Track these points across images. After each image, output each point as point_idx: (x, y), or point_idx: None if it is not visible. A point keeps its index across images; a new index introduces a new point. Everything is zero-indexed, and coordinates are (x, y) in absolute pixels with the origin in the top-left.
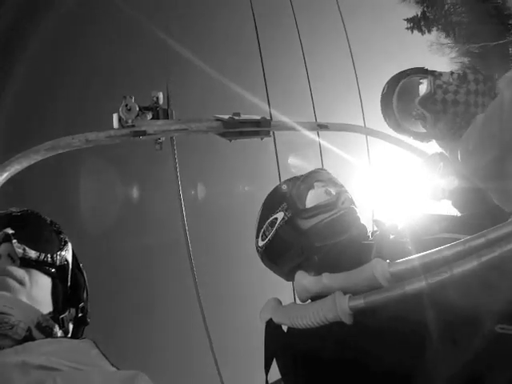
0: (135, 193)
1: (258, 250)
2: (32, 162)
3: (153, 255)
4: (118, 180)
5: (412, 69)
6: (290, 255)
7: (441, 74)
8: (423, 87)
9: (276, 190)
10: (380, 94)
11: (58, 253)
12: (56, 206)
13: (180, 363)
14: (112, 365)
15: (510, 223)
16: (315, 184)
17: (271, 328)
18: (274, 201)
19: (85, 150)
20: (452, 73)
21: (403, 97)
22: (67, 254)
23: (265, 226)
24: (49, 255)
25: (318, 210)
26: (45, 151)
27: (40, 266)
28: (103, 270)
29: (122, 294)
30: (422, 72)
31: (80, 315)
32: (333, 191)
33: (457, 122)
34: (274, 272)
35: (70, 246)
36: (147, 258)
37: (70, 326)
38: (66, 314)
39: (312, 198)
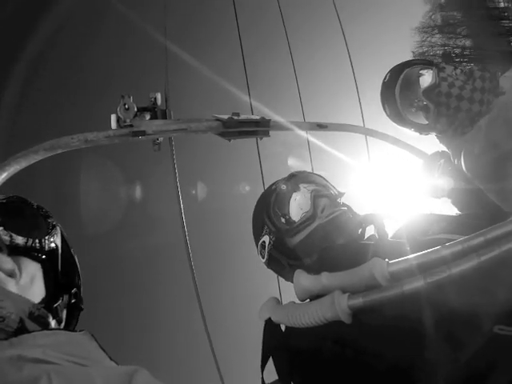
0: (134, 193)
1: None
2: (31, 162)
3: (153, 255)
4: (118, 181)
5: (416, 59)
6: (287, 272)
7: (444, 67)
8: (425, 79)
9: (256, 211)
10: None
11: (46, 237)
12: (55, 207)
13: (180, 361)
14: (110, 358)
15: (508, 222)
16: (301, 186)
17: (270, 327)
18: (256, 224)
19: (83, 150)
20: (455, 67)
21: (406, 86)
22: (56, 238)
23: (258, 248)
24: (37, 240)
25: (299, 226)
26: (44, 151)
27: (28, 252)
28: (103, 270)
29: (121, 294)
30: (427, 63)
31: (73, 301)
32: (310, 200)
33: (459, 117)
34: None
35: (58, 230)
36: (147, 258)
37: (64, 314)
38: (59, 301)
39: (296, 202)
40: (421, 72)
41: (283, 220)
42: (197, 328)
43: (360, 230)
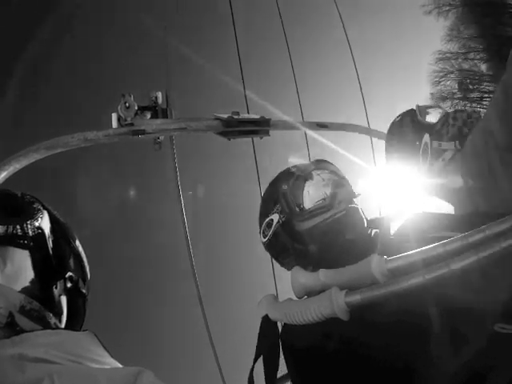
0: (135, 193)
1: (262, 243)
2: (31, 161)
3: (153, 256)
4: (118, 181)
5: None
6: (288, 255)
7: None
8: (433, 114)
9: (271, 188)
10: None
11: (29, 222)
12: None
13: (181, 361)
14: (113, 358)
15: (508, 218)
16: (313, 173)
17: (266, 324)
18: (268, 201)
19: (83, 150)
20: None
21: (422, 111)
22: (42, 222)
23: (262, 226)
24: (17, 226)
25: (313, 212)
26: (44, 150)
27: (12, 240)
28: (103, 271)
29: (121, 295)
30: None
31: (70, 285)
32: (329, 189)
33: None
34: (278, 263)
35: (45, 214)
36: (147, 259)
37: (63, 302)
38: (54, 289)
39: (311, 190)
40: (428, 110)
41: (298, 204)
42: (198, 327)
43: (369, 231)
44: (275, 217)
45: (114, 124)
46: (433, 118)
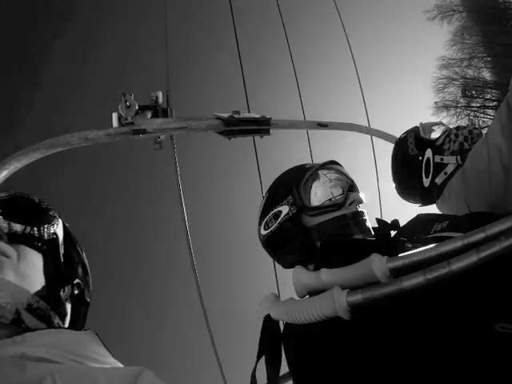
0: (135, 193)
1: (259, 237)
2: (31, 160)
3: (153, 255)
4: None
5: None
6: (291, 250)
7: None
8: (437, 132)
9: (283, 179)
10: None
11: (46, 226)
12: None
13: (181, 362)
14: (114, 358)
15: (509, 218)
16: (320, 172)
17: (268, 324)
18: (279, 192)
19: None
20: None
21: (426, 128)
22: (56, 228)
23: (268, 217)
24: (35, 228)
25: (324, 208)
26: (44, 149)
27: (28, 240)
28: (103, 270)
29: (121, 294)
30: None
31: (76, 292)
32: (337, 190)
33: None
34: (274, 260)
35: (60, 221)
36: (147, 258)
37: (68, 307)
38: (61, 293)
39: (317, 190)
40: (431, 128)
41: (309, 199)
42: (199, 327)
43: (372, 233)
44: (284, 208)
45: (115, 123)
46: (436, 134)
